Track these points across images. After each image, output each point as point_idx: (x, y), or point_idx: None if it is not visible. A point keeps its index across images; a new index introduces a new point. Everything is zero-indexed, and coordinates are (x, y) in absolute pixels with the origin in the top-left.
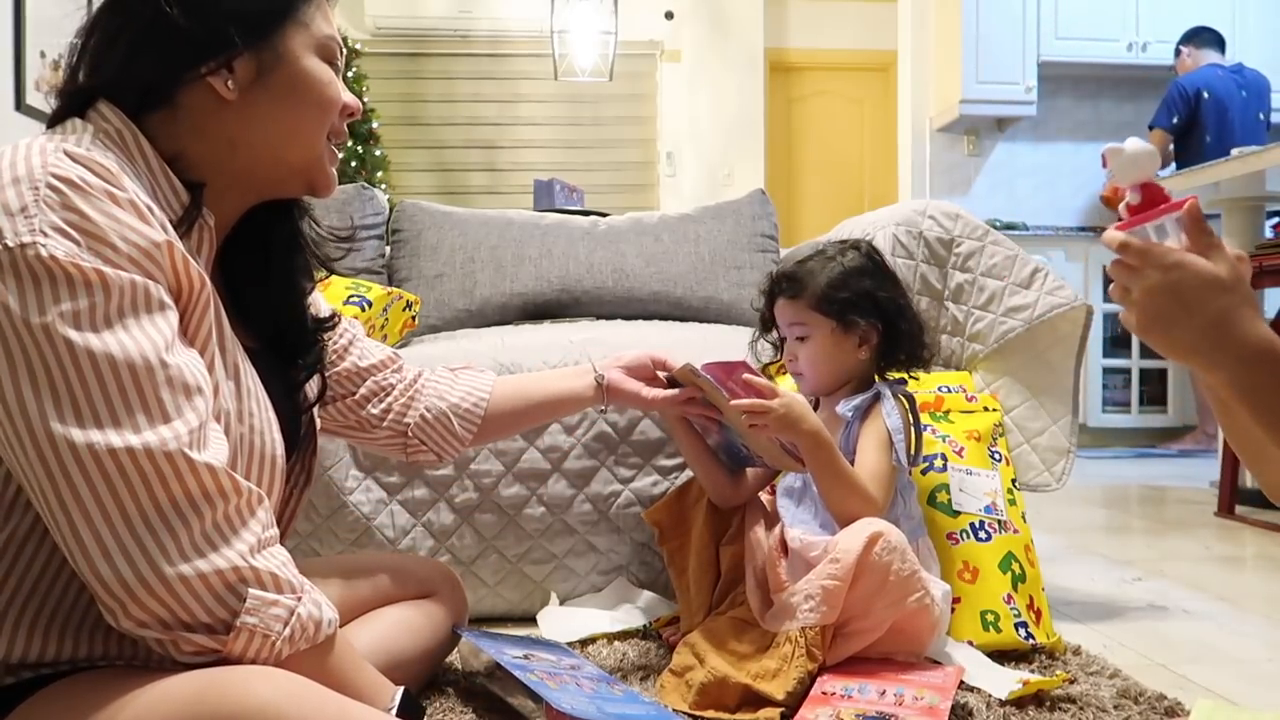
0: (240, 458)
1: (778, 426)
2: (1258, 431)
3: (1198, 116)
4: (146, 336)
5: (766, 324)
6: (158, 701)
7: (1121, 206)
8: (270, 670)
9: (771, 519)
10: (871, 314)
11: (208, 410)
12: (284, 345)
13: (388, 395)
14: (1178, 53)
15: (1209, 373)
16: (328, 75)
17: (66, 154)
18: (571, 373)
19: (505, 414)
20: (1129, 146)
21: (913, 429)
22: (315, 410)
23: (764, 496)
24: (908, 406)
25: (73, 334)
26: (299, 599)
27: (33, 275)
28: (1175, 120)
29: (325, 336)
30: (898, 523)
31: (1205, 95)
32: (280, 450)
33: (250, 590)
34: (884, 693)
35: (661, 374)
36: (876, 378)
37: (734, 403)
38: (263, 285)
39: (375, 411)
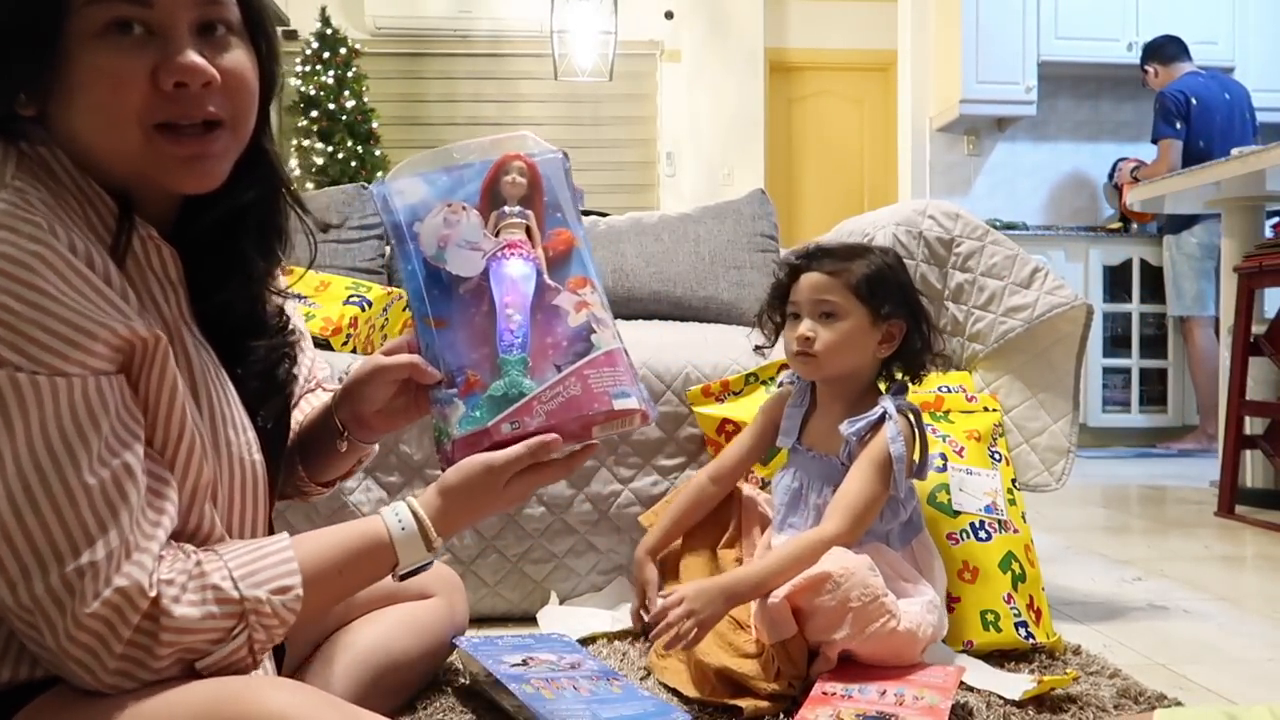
0: (221, 489)
1: (709, 618)
2: None
3: (1189, 123)
4: (69, 457)
5: (783, 294)
6: (168, 708)
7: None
8: (282, 680)
9: (767, 522)
10: (902, 316)
11: (138, 506)
12: (233, 350)
13: None
14: (1144, 71)
15: None
16: (111, 62)
17: None
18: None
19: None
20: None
21: (918, 442)
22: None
23: (761, 496)
24: (913, 421)
25: None
26: (232, 629)
27: None
28: (1179, 126)
29: (284, 346)
30: (890, 532)
31: (1194, 101)
32: (261, 469)
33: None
34: (884, 693)
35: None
36: (879, 384)
37: (655, 638)
38: (218, 288)
39: None
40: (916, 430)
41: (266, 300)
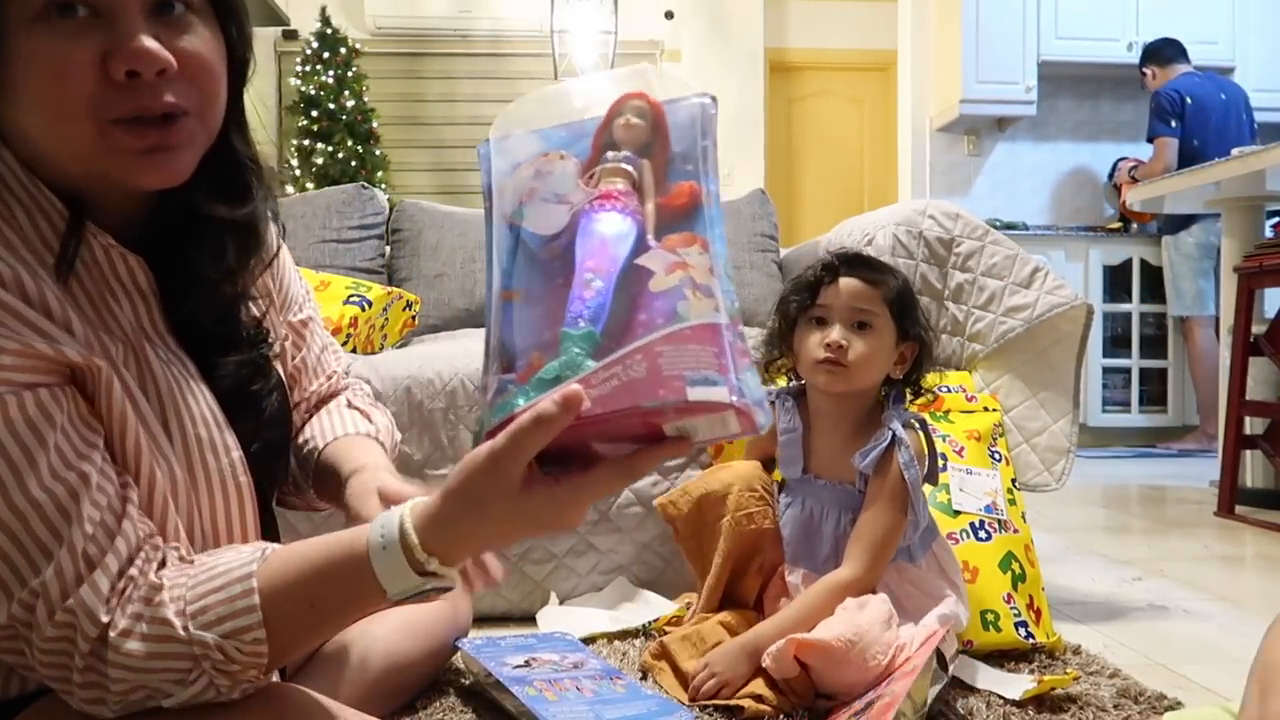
0: (200, 517)
1: (734, 678)
2: None
3: (1184, 123)
4: (13, 474)
5: (814, 290)
6: None
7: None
8: (285, 686)
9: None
10: (919, 339)
11: (97, 519)
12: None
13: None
14: (1142, 73)
15: None
16: (53, 49)
17: None
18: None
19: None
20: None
21: (928, 456)
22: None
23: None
24: (922, 435)
25: None
26: (188, 671)
27: None
28: (1174, 124)
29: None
30: (912, 545)
31: (1189, 101)
32: (248, 490)
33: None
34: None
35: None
36: (882, 399)
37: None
38: (183, 298)
39: None
40: (926, 440)
41: (240, 311)
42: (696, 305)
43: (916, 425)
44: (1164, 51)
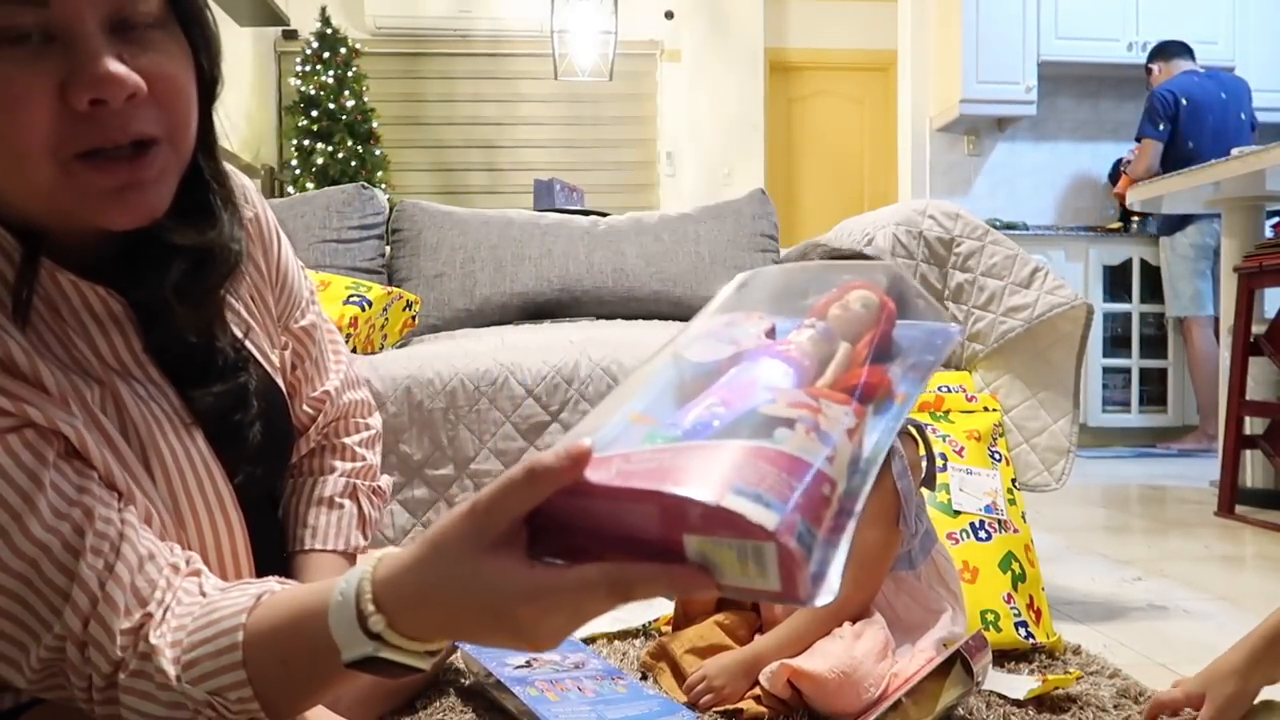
0: (191, 542)
1: (731, 693)
2: None
3: (1178, 123)
4: (15, 522)
5: None
6: None
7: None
8: None
9: None
10: None
11: (106, 552)
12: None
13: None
14: (1149, 70)
15: None
16: (3, 80)
17: None
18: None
19: None
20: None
21: (926, 462)
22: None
23: None
24: (920, 442)
25: None
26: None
27: None
28: (1162, 128)
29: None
30: (911, 552)
31: (1184, 102)
32: (239, 529)
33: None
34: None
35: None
36: None
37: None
38: (150, 327)
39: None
40: (925, 446)
41: (217, 338)
42: (800, 441)
43: (914, 431)
44: (1170, 48)
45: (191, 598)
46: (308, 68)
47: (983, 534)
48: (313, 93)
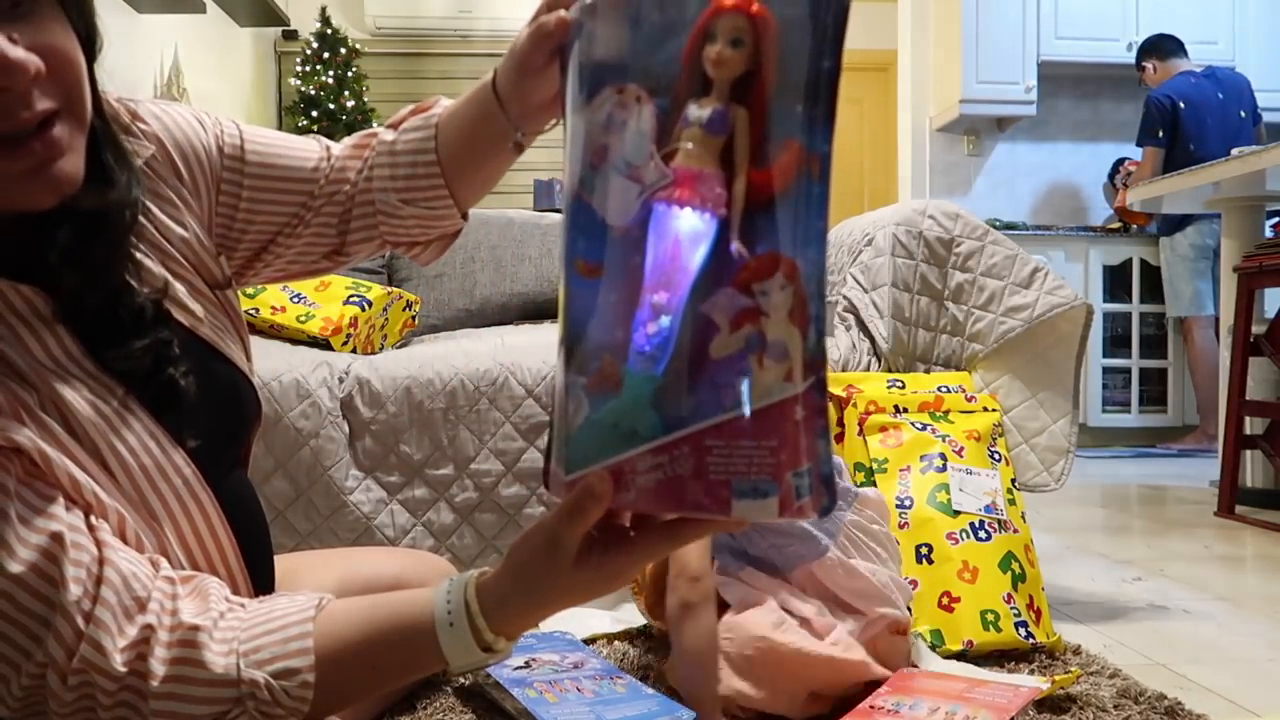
0: (171, 547)
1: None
2: None
3: (1177, 128)
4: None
5: None
6: None
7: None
8: None
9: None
10: None
11: (82, 577)
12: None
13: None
14: (1141, 68)
15: None
16: None
17: None
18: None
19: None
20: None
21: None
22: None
23: None
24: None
25: None
26: (225, 713)
27: None
28: (1161, 135)
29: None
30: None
31: (1181, 106)
32: (210, 502)
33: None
34: (936, 710)
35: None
36: None
37: None
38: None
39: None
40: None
41: (127, 295)
42: (762, 379)
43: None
44: (1164, 45)
45: (234, 609)
46: (308, 68)
47: (983, 534)
48: (313, 93)
